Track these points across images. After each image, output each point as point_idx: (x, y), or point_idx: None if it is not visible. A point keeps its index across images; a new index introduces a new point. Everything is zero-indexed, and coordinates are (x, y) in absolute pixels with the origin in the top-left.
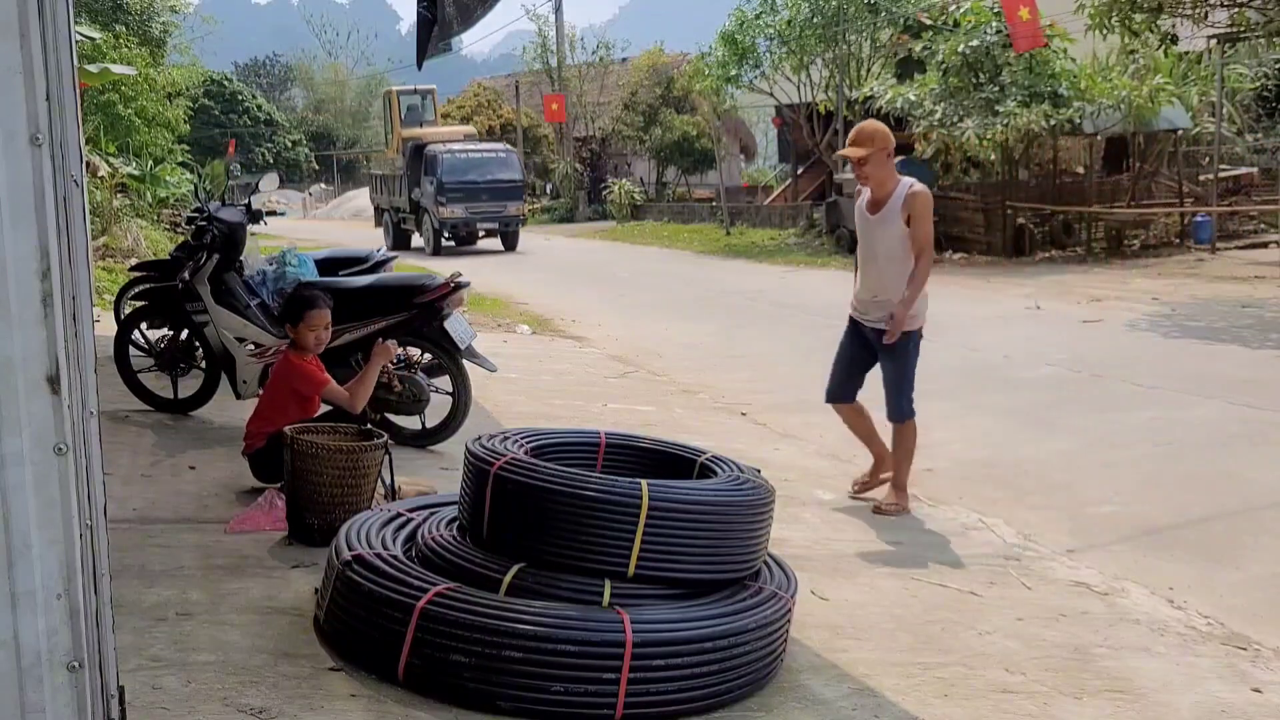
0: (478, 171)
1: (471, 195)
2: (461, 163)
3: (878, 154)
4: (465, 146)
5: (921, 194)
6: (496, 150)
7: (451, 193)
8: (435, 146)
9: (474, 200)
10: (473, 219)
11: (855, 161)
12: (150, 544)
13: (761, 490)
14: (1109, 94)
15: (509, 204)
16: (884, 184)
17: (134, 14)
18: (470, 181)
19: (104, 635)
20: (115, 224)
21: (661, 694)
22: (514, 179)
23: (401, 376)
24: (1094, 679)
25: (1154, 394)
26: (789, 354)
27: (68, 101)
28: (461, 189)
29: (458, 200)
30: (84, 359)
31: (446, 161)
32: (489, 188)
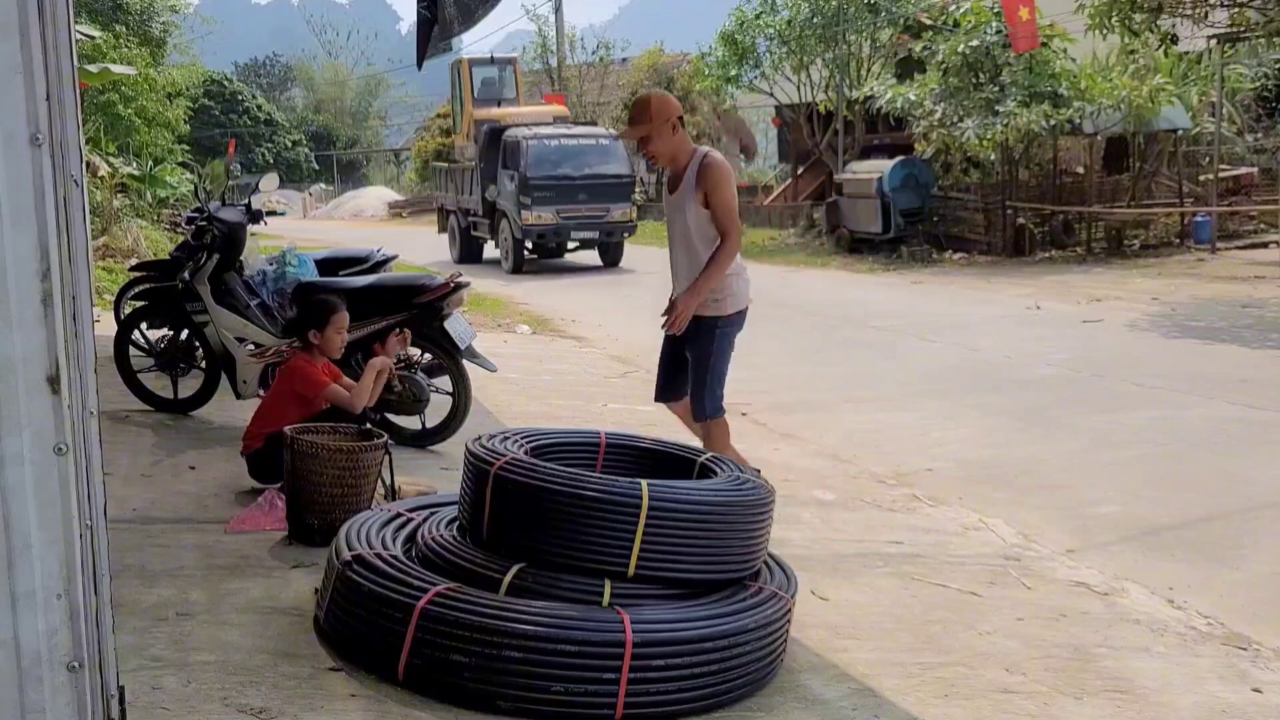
0: (573, 164)
1: (565, 195)
2: (552, 152)
3: (660, 128)
4: (556, 131)
5: (715, 163)
6: (597, 136)
7: (539, 192)
8: (518, 131)
9: (568, 201)
10: (566, 227)
11: (638, 142)
12: (150, 544)
13: (761, 490)
14: (1109, 94)
15: (613, 207)
16: (676, 159)
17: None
18: (564, 177)
19: (104, 635)
20: (115, 224)
21: (661, 694)
22: (620, 174)
23: (401, 376)
24: (1094, 679)
25: (1154, 394)
26: (789, 354)
27: (68, 101)
28: (552, 187)
29: (546, 201)
30: (84, 359)
31: (533, 151)
32: (587, 185)
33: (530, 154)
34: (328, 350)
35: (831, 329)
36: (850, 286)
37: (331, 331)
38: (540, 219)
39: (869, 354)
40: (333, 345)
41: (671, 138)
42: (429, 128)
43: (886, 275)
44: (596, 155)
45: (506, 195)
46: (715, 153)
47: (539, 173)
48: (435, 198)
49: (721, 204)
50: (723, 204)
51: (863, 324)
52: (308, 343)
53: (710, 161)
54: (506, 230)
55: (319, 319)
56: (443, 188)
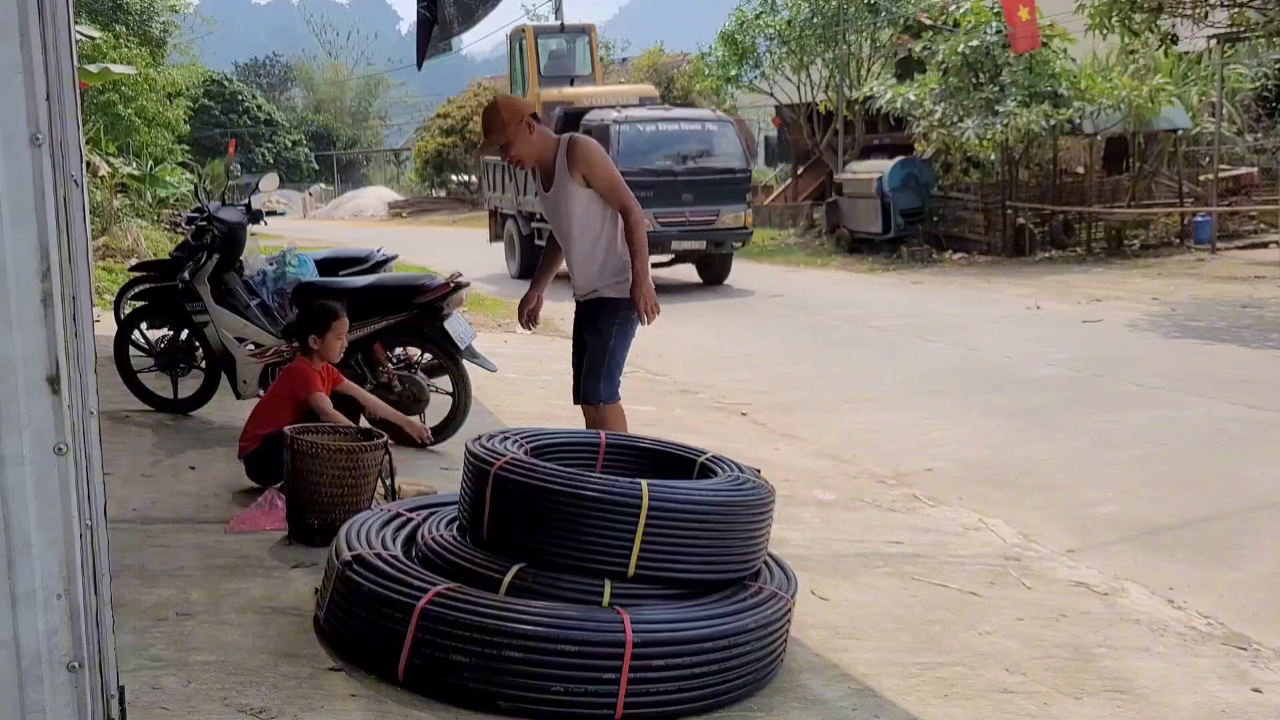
0: (674, 155)
1: (665, 195)
2: (648, 141)
3: (516, 130)
4: (653, 114)
5: (581, 141)
6: (703, 120)
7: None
8: (603, 115)
9: (668, 203)
10: (665, 235)
11: (500, 152)
12: (150, 544)
13: (761, 490)
14: (1109, 94)
15: (724, 209)
16: (543, 156)
17: (134, 14)
18: (664, 173)
19: (104, 635)
20: (115, 224)
21: (661, 694)
22: (733, 169)
23: (401, 376)
24: (1094, 679)
25: (1154, 394)
26: (789, 354)
27: (68, 101)
28: (649, 184)
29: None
30: (84, 359)
31: (625, 139)
32: (693, 182)
33: (621, 143)
34: (327, 355)
35: (831, 329)
36: (850, 286)
37: (331, 337)
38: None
39: (869, 354)
40: (332, 351)
41: (531, 137)
42: (429, 128)
43: (886, 275)
44: (703, 144)
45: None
46: (580, 135)
47: (632, 166)
48: (488, 199)
49: (604, 180)
50: (605, 179)
51: (863, 324)
52: (307, 347)
53: (576, 140)
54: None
55: (319, 324)
56: (497, 187)
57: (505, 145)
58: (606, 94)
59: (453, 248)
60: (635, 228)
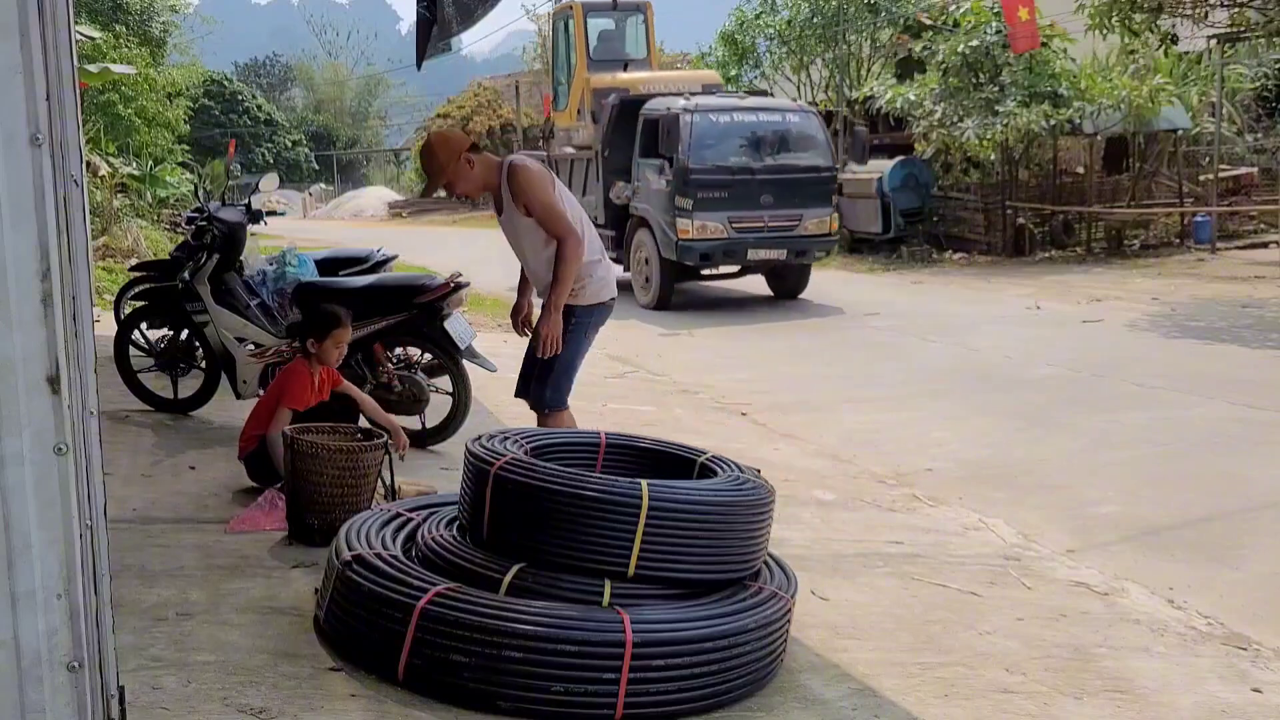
0: (751, 149)
1: (741, 196)
2: (721, 132)
3: (455, 168)
4: (725, 103)
5: (517, 169)
6: (784, 110)
7: (705, 191)
8: (670, 104)
9: (744, 205)
10: (741, 242)
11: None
12: (150, 544)
13: (761, 490)
14: (1109, 94)
15: (807, 213)
16: (488, 183)
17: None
18: (741, 170)
19: (104, 635)
20: (115, 224)
21: (661, 694)
22: (818, 166)
23: (401, 376)
24: (1094, 679)
25: (1154, 394)
26: (789, 354)
27: (68, 101)
28: (723, 184)
29: (714, 205)
30: (84, 359)
31: (698, 131)
32: (773, 181)
33: (693, 135)
34: (323, 361)
35: (831, 329)
36: (850, 286)
37: (329, 344)
38: (705, 230)
39: (869, 354)
40: (329, 357)
41: (473, 172)
42: (429, 128)
43: (886, 275)
44: (784, 137)
45: (650, 195)
46: (519, 158)
47: (705, 162)
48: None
49: (539, 208)
50: (540, 207)
51: (863, 324)
52: (306, 348)
53: (513, 168)
54: (646, 245)
55: (320, 329)
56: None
57: (448, 186)
58: (666, 80)
59: (453, 248)
60: (565, 259)
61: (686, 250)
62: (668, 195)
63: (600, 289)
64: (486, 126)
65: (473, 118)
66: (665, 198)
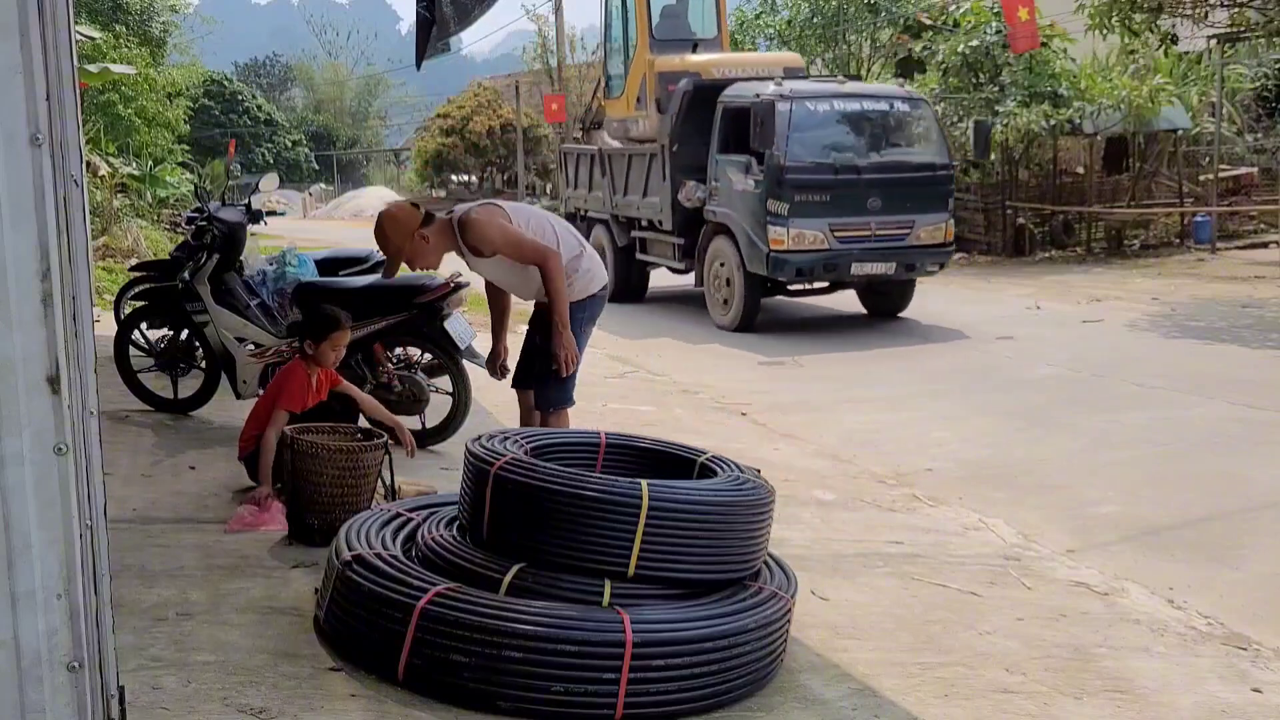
0: (855, 144)
1: (845, 199)
2: (820, 124)
3: (411, 246)
4: (824, 89)
5: (468, 224)
6: (891, 98)
7: (803, 192)
8: (758, 90)
9: (848, 209)
10: (844, 254)
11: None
12: (150, 544)
13: (761, 490)
14: (1109, 94)
15: (920, 219)
16: (448, 247)
17: (134, 14)
18: (844, 169)
19: (104, 635)
20: (115, 224)
21: (661, 694)
22: (933, 163)
23: (401, 376)
24: (1094, 679)
25: (1154, 394)
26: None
27: (68, 101)
28: (823, 185)
29: (813, 210)
30: (84, 359)
31: (797, 120)
32: (881, 181)
33: (791, 127)
34: (320, 362)
35: (835, 329)
36: None
37: (326, 347)
38: (802, 240)
39: (868, 353)
40: (325, 359)
41: (428, 245)
42: (429, 128)
43: None
44: (893, 130)
45: (733, 198)
46: (464, 214)
47: (801, 159)
48: (564, 199)
49: (507, 248)
50: (507, 247)
51: (863, 323)
52: (303, 350)
53: (463, 226)
54: (726, 257)
55: (318, 331)
56: (579, 183)
57: (409, 262)
58: (744, 63)
59: None
60: (551, 278)
61: (780, 263)
62: (757, 198)
63: (588, 282)
64: (486, 126)
65: (473, 118)
66: (753, 201)
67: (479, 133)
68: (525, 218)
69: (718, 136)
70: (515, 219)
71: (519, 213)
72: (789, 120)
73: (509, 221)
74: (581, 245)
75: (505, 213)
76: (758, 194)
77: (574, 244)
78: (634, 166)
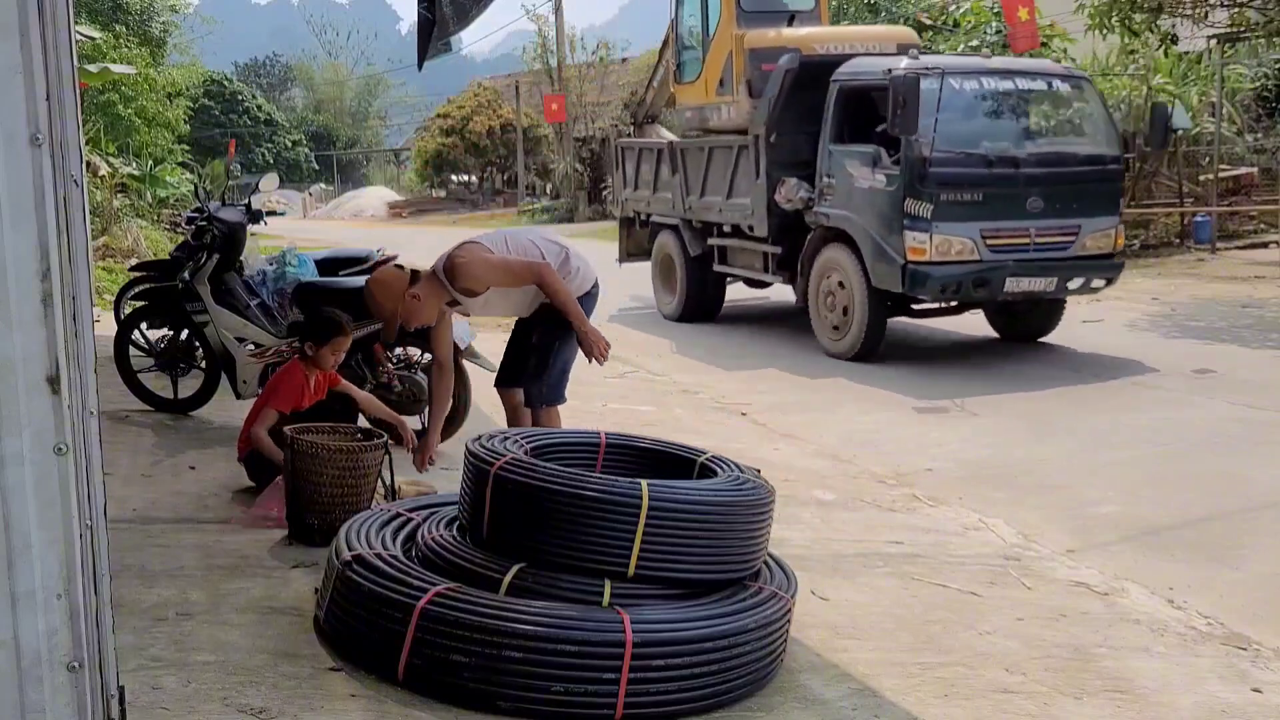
0: (1010, 131)
1: (1000, 199)
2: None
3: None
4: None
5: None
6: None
7: (950, 190)
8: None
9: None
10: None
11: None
12: (150, 544)
13: (761, 490)
14: (1109, 94)
15: (1086, 224)
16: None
17: (134, 14)
18: (999, 160)
19: (104, 635)
20: (115, 224)
21: (661, 694)
22: (1102, 154)
23: (401, 376)
24: (1094, 679)
25: (1154, 394)
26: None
27: (68, 101)
28: (978, 181)
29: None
30: (84, 359)
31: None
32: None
33: (940, 109)
34: (319, 365)
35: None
36: None
37: (327, 351)
38: (949, 249)
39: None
40: (324, 363)
41: (420, 304)
42: (429, 128)
43: None
44: (1054, 115)
45: (854, 197)
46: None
47: (948, 149)
48: (620, 200)
49: (500, 278)
50: (501, 277)
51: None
52: (304, 350)
53: (452, 271)
54: (843, 270)
55: (320, 334)
56: (638, 182)
57: (405, 323)
58: (853, 37)
59: None
60: (552, 289)
61: (920, 278)
62: (888, 197)
63: (581, 281)
64: (486, 126)
65: (473, 118)
66: (884, 201)
67: (479, 133)
68: (503, 241)
69: (830, 123)
70: (494, 247)
71: (494, 240)
72: (938, 100)
73: (491, 252)
74: (564, 248)
75: (483, 245)
76: (890, 192)
77: (557, 250)
78: (715, 162)
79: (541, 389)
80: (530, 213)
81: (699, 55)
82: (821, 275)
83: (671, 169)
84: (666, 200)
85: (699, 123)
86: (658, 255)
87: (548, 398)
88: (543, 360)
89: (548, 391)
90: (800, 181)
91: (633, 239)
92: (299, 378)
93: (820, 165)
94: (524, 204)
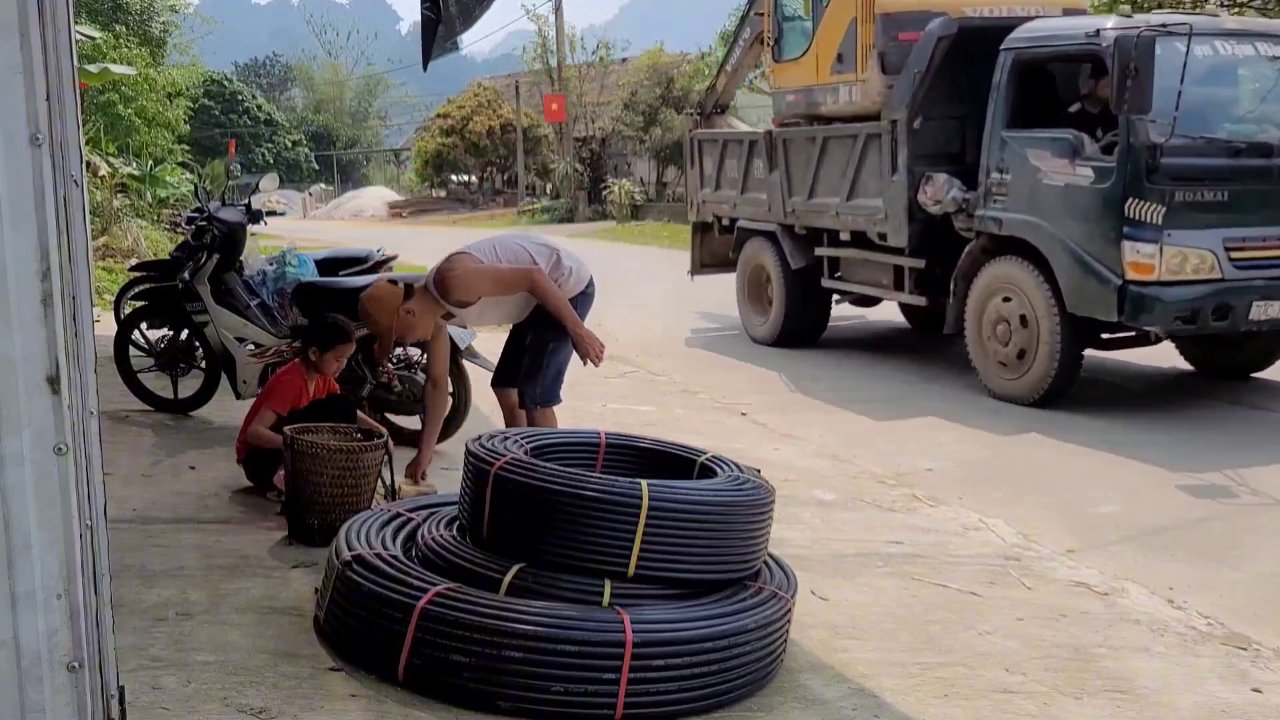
0: (1258, 112)
1: (1244, 200)
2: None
3: (400, 324)
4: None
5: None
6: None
7: (1187, 187)
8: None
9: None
10: (1246, 287)
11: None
12: (150, 544)
13: (761, 490)
14: None
15: None
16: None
17: (134, 14)
18: (1251, 149)
19: (104, 635)
20: (115, 224)
21: (661, 694)
22: None
23: (401, 376)
24: (1094, 679)
25: (1153, 393)
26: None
27: (68, 101)
28: (1219, 175)
29: (1201, 217)
30: (84, 359)
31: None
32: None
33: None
34: (321, 370)
35: (830, 328)
36: None
37: (330, 357)
38: (1185, 264)
39: (869, 353)
40: (327, 369)
41: (414, 318)
42: (429, 128)
43: None
44: None
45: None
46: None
47: (1193, 133)
48: (697, 202)
49: (492, 287)
50: (492, 286)
51: (861, 324)
52: (306, 354)
53: (443, 285)
54: (1020, 288)
55: (324, 340)
56: (719, 181)
57: (400, 338)
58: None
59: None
60: (545, 294)
61: (1146, 303)
62: (1097, 198)
63: (575, 282)
64: (486, 126)
65: (473, 118)
66: (1090, 201)
67: (479, 133)
68: (492, 249)
69: (1001, 103)
70: (484, 256)
71: (483, 249)
72: (1183, 68)
73: (480, 262)
74: (554, 250)
75: (473, 255)
76: (1101, 190)
77: (547, 253)
78: (831, 156)
79: (536, 390)
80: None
81: (807, 26)
82: (986, 296)
83: (768, 165)
84: (760, 202)
85: (805, 108)
86: (746, 266)
87: (542, 399)
88: (536, 361)
89: (542, 393)
90: (951, 178)
91: (708, 247)
92: (298, 380)
93: (987, 157)
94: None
